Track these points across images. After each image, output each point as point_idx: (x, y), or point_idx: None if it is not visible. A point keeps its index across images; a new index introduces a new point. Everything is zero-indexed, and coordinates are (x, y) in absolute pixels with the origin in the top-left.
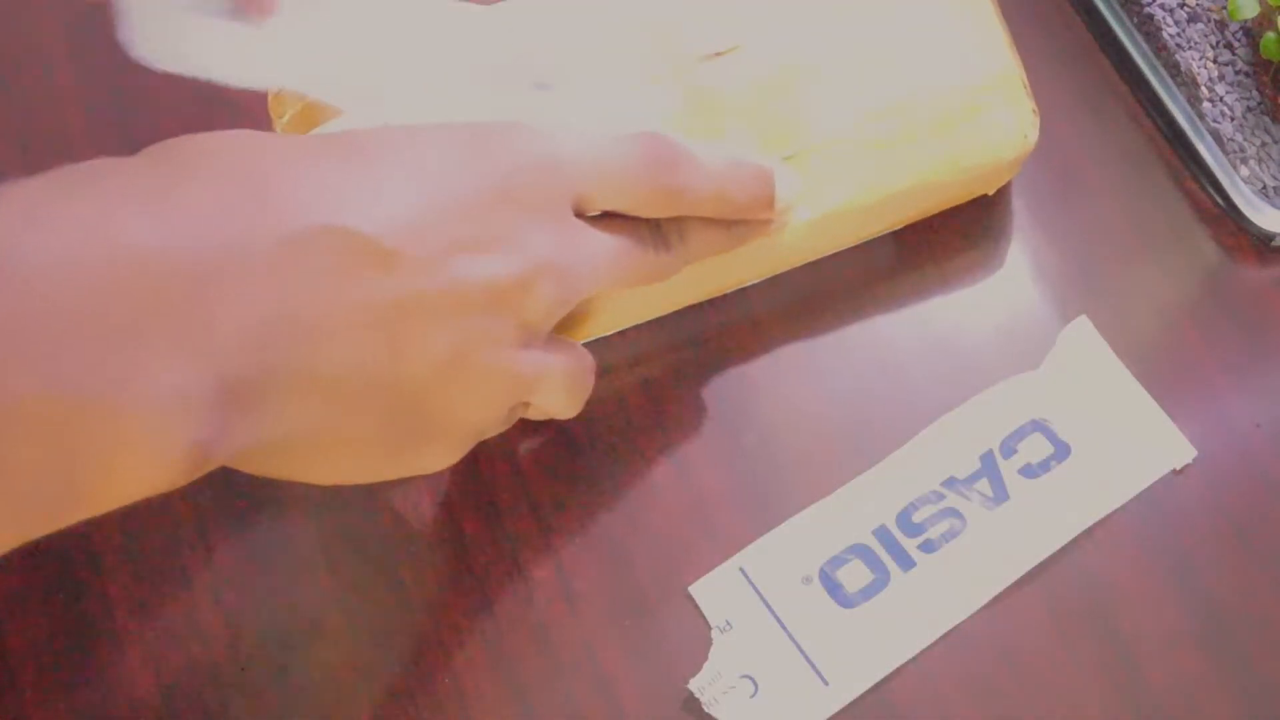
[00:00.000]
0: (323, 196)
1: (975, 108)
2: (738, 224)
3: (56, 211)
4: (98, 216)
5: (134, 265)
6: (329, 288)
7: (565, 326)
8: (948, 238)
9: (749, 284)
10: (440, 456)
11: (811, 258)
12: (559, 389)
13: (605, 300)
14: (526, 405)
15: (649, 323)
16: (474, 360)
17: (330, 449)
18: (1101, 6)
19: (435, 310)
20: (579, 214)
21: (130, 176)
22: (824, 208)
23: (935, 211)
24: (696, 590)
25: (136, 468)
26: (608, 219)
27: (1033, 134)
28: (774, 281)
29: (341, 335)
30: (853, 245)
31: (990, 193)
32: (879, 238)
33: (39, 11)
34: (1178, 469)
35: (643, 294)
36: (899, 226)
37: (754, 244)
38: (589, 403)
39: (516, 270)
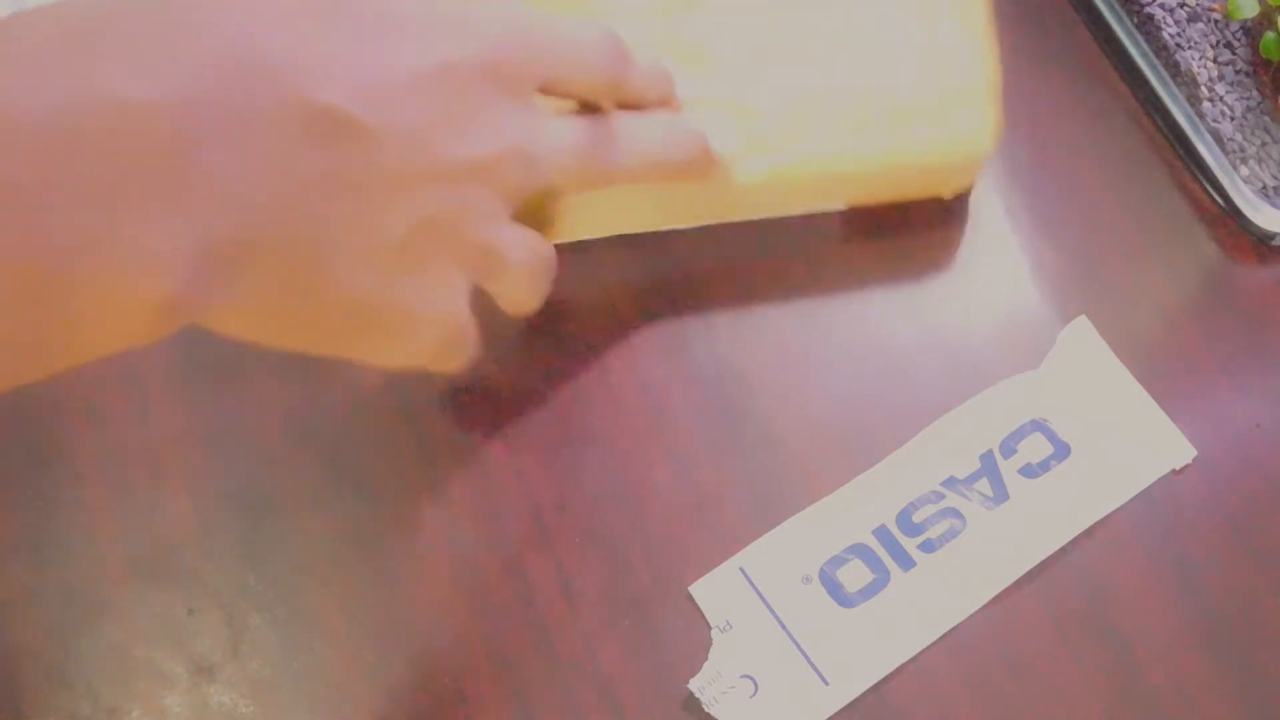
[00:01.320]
0: (306, 66)
1: (941, 106)
2: (676, 135)
3: (46, 59)
4: (87, 65)
5: (119, 121)
6: (309, 159)
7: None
8: (947, 236)
9: (704, 224)
10: (416, 336)
11: (761, 214)
12: (524, 271)
13: (567, 204)
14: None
15: (648, 319)
16: (449, 228)
17: (304, 312)
18: (1101, 6)
19: (414, 182)
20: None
21: (126, 20)
22: (768, 163)
23: (888, 198)
24: (696, 590)
25: (108, 322)
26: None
27: (989, 142)
28: (773, 279)
29: (321, 202)
30: (802, 211)
31: (947, 197)
32: (881, 238)
33: None
34: (1178, 469)
35: (607, 206)
36: (843, 206)
37: (707, 186)
38: (588, 403)
39: (491, 149)
